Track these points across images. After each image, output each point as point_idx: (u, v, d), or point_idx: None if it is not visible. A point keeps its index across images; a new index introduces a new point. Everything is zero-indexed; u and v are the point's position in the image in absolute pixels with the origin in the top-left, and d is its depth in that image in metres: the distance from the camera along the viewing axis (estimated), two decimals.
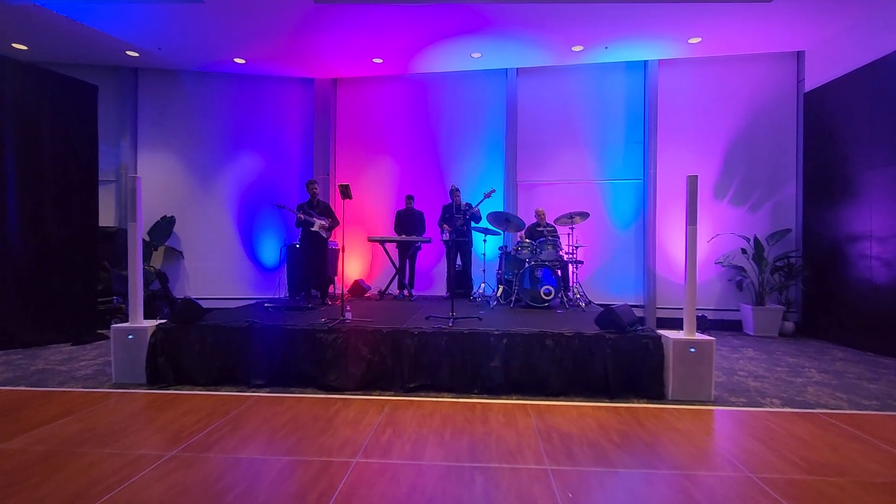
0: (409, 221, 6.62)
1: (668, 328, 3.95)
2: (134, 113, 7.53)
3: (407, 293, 6.44)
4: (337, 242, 6.84)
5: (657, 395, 3.57)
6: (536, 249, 5.45)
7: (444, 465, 2.38)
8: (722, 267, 6.84)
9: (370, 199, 7.73)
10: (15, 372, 4.16)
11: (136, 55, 6.87)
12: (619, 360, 3.62)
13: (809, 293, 6.44)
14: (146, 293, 7.17)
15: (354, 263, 7.71)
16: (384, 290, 6.52)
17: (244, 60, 7.03)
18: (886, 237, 5.25)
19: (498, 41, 6.37)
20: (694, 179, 3.63)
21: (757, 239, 6.58)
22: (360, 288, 6.69)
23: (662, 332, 3.74)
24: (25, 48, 6.56)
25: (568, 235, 5.70)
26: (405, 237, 6.38)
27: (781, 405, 3.46)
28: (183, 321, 3.89)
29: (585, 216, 5.68)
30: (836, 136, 6.05)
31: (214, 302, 7.35)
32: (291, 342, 3.79)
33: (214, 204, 7.69)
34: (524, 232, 6.21)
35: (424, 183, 7.56)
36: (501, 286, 5.69)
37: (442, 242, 6.68)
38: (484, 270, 6.06)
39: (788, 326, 6.46)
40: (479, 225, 6.15)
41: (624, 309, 3.78)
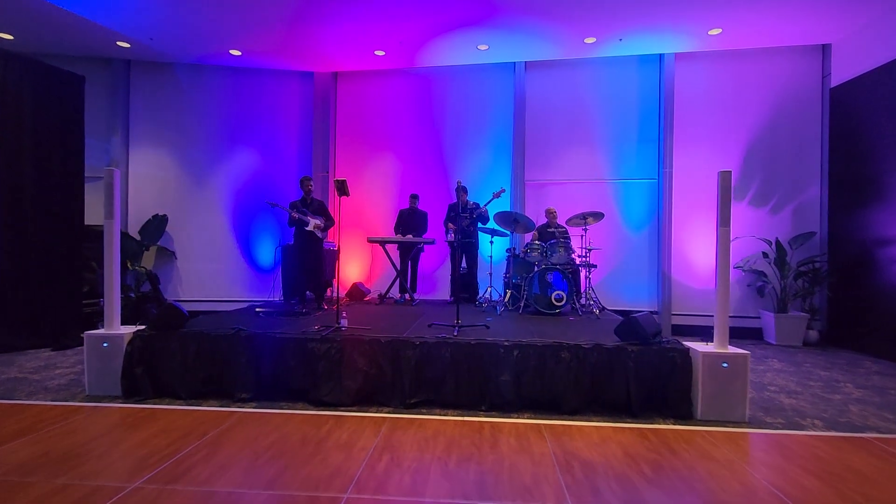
0: (411, 221, 6.28)
1: (684, 336, 3.60)
2: (126, 107, 7.22)
3: (408, 297, 6.10)
4: (334, 243, 6.50)
5: (685, 414, 3.21)
6: (547, 252, 5.10)
7: (448, 503, 2.04)
8: (742, 272, 6.47)
9: (370, 198, 7.40)
10: None
11: (127, 46, 6.57)
12: (642, 375, 3.26)
13: (836, 300, 6.07)
14: (136, 295, 6.88)
15: (353, 265, 7.38)
16: (384, 293, 6.18)
17: (240, 52, 6.71)
18: None
19: (506, 32, 6.03)
20: (726, 175, 3.28)
21: (779, 242, 6.21)
22: (358, 291, 6.35)
23: (690, 343, 3.39)
24: (11, 38, 6.27)
25: (581, 237, 5.34)
26: (407, 238, 6.05)
27: (824, 427, 3.10)
28: (163, 328, 3.56)
29: (600, 217, 5.33)
30: (865, 133, 5.68)
31: (208, 304, 7.04)
32: (281, 352, 3.45)
33: (209, 202, 7.38)
34: (534, 233, 5.87)
35: (427, 182, 7.22)
36: (509, 291, 5.34)
37: (446, 243, 6.33)
38: (490, 274, 5.71)
39: (813, 335, 6.09)
40: (486, 226, 5.79)
41: (647, 318, 3.43)
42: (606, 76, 6.93)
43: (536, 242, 5.22)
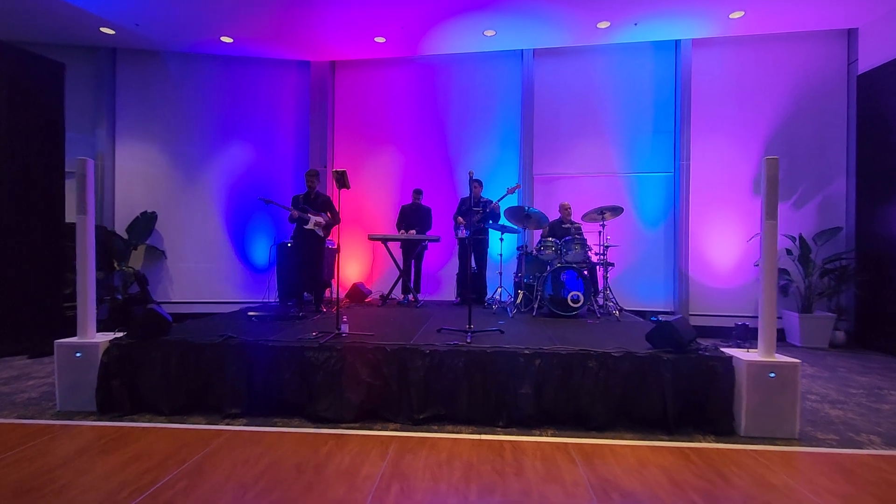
0: (414, 217, 5.92)
1: (705, 338, 3.25)
2: (112, 98, 6.84)
3: (412, 298, 5.75)
4: (333, 241, 6.13)
5: (726, 430, 2.87)
6: (562, 249, 4.75)
7: None
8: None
9: (371, 193, 7.03)
10: None
11: (111, 32, 6.18)
12: (679, 386, 2.92)
13: (865, 299, 5.73)
14: (124, 297, 6.52)
15: (353, 265, 7.02)
16: (387, 294, 5.82)
17: (232, 39, 6.34)
18: None
19: (515, 17, 5.67)
20: (773, 163, 2.93)
21: (803, 238, 5.88)
22: (359, 292, 5.99)
23: (731, 351, 3.04)
24: None
25: (599, 234, 4.98)
26: (410, 235, 5.69)
27: (883, 444, 2.76)
28: (143, 335, 3.20)
29: (618, 211, 4.98)
30: (895, 122, 5.35)
31: (200, 306, 6.67)
32: (275, 362, 3.10)
33: (201, 198, 7.00)
34: (544, 230, 5.52)
35: (431, 176, 6.86)
36: (521, 291, 4.98)
37: (456, 239, 5.93)
38: (500, 273, 5.36)
39: (840, 336, 5.76)
40: (497, 223, 5.40)
41: (682, 323, 3.09)
42: (619, 64, 6.57)
43: (550, 239, 4.87)
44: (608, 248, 5.00)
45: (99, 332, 3.33)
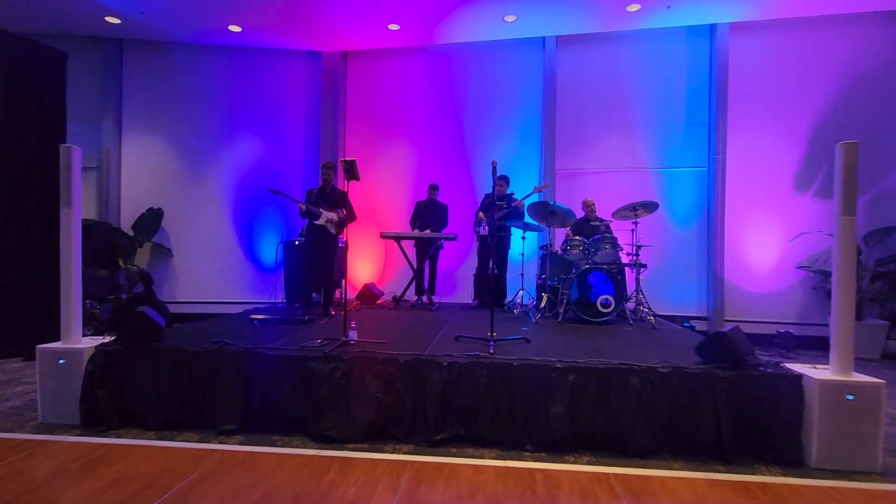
0: (429, 214, 5.57)
1: None
2: (118, 91, 6.62)
3: (426, 300, 5.41)
4: (343, 239, 5.82)
5: (793, 460, 2.46)
6: (590, 249, 4.36)
7: None
8: (808, 273, 5.65)
9: (384, 188, 6.70)
10: None
11: (117, 22, 5.96)
12: (736, 407, 2.52)
13: None
14: (128, 296, 6.28)
15: (364, 264, 6.70)
16: (399, 296, 5.48)
17: (240, 28, 6.06)
18: None
19: (537, 1, 5.29)
20: (850, 149, 2.54)
21: None
22: (370, 294, 5.65)
23: (800, 368, 2.63)
24: None
25: (631, 232, 4.56)
26: (425, 233, 5.34)
27: None
28: (133, 341, 2.91)
29: (652, 208, 4.55)
30: None
31: (206, 306, 6.42)
32: (275, 372, 2.78)
33: (208, 194, 6.74)
34: (568, 229, 5.13)
35: (447, 171, 6.50)
36: (545, 294, 4.60)
37: (475, 237, 5.51)
38: (522, 275, 4.98)
39: (893, 346, 5.26)
40: (520, 221, 5.00)
41: (738, 334, 2.68)
42: (649, 51, 6.14)
43: (577, 239, 4.48)
44: (640, 247, 4.59)
45: (101, 333, 3.06)
